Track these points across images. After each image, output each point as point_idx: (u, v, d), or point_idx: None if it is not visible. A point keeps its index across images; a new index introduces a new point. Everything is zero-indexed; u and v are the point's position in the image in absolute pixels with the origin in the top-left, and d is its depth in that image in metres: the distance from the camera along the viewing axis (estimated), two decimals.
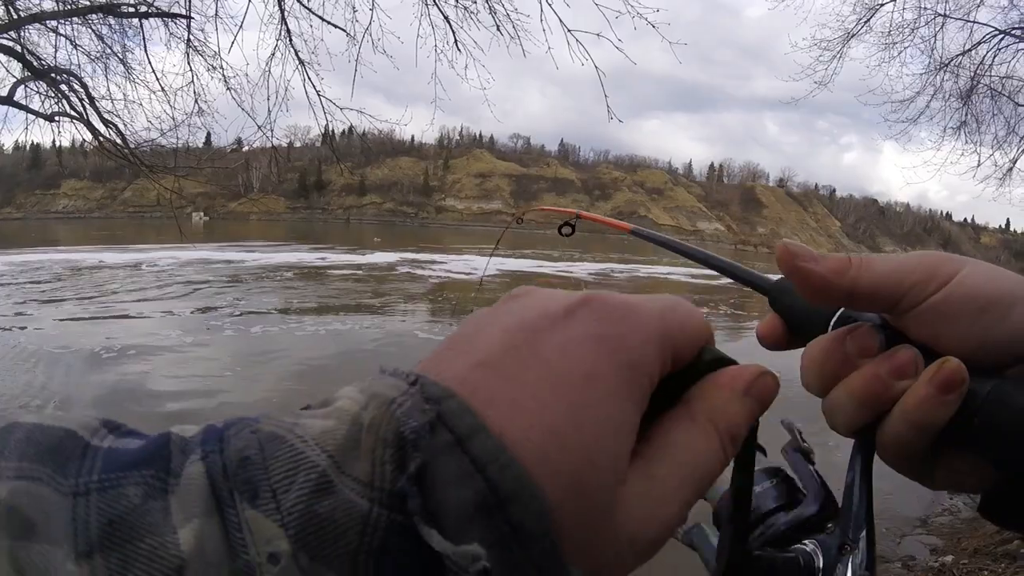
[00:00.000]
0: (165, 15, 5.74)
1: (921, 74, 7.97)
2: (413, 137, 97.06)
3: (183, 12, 5.55)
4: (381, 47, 5.36)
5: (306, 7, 5.30)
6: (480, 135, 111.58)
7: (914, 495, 4.20)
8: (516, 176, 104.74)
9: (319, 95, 5.40)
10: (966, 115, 8.25)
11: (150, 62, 6.03)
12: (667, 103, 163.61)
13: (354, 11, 5.32)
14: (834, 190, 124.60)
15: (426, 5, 5.20)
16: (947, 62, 7.99)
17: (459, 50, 5.30)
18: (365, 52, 5.36)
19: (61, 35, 5.70)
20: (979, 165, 8.43)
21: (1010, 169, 8.52)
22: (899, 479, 0.39)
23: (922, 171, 8.33)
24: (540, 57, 5.23)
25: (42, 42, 5.81)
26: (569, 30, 4.88)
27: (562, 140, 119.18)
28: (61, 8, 5.49)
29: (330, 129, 6.08)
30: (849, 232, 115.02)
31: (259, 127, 5.60)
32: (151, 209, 67.74)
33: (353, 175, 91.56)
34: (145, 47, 6.11)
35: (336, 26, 5.31)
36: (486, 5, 5.07)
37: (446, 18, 5.23)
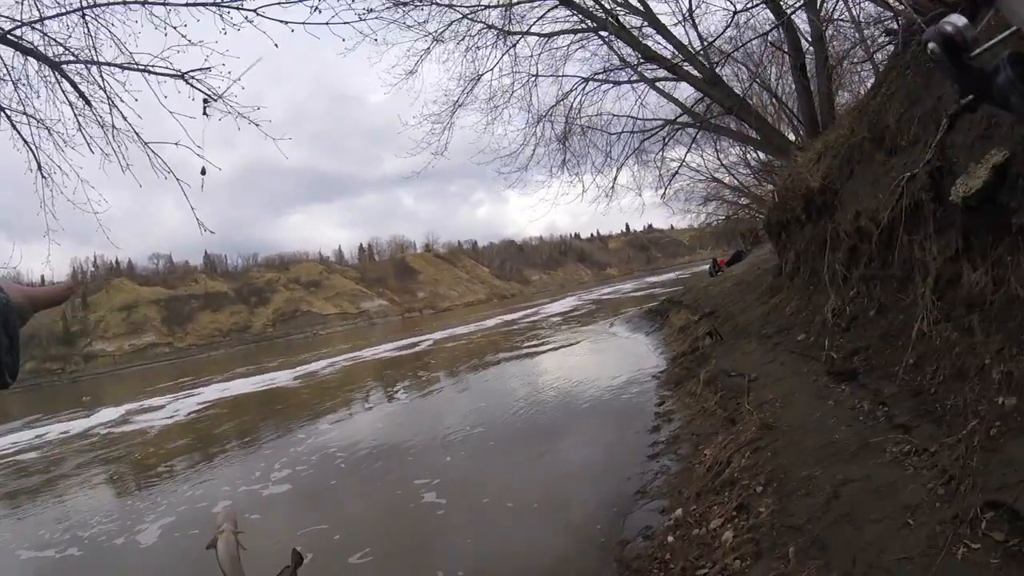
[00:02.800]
0: None
1: (524, 128, 11.36)
2: (43, 277, 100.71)
3: None
4: None
5: None
6: (117, 262, 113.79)
7: (621, 477, 5.73)
8: (164, 300, 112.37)
9: None
10: (566, 154, 11.41)
11: None
12: (305, 196, 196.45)
13: None
14: (476, 242, 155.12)
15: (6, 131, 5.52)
16: (544, 114, 11.02)
17: (44, 177, 5.51)
18: None
19: None
20: (584, 191, 11.75)
21: (612, 187, 11.79)
22: (594, 471, 6.04)
23: (541, 207, 19.65)
24: (158, 167, 5.32)
25: None
26: (146, 143, 5.26)
27: (206, 252, 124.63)
28: None
29: None
30: (498, 274, 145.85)
31: None
32: None
33: None
34: None
35: None
36: (77, 123, 5.43)
37: (25, 142, 5.49)
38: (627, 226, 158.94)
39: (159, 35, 4.99)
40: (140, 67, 5.12)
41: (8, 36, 5.05)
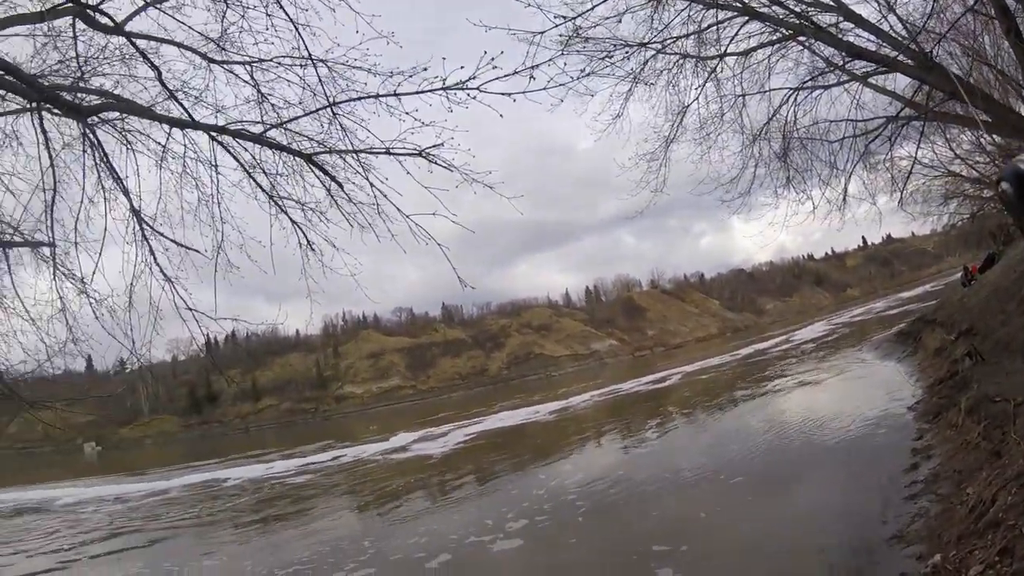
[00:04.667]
0: (29, 244, 7.29)
1: (739, 151, 11.14)
2: (298, 331, 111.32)
3: (47, 240, 6.91)
4: (245, 252, 6.69)
5: (160, 233, 6.72)
6: (364, 316, 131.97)
7: (876, 520, 5.90)
8: (408, 348, 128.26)
9: (191, 310, 6.46)
10: (789, 171, 11.42)
11: (16, 291, 7.36)
12: (529, 245, 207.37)
13: (212, 224, 6.85)
14: (703, 274, 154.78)
15: (275, 214, 6.71)
16: (758, 133, 11.21)
17: (312, 249, 6.71)
18: (234, 257, 6.75)
19: None
20: (815, 208, 11.61)
21: (844, 199, 11.68)
22: (846, 514, 6.25)
23: (770, 231, 11.72)
24: (403, 238, 6.35)
25: None
26: (408, 216, 6.21)
27: (443, 303, 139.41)
28: None
29: (210, 340, 7.07)
30: (729, 305, 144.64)
31: (131, 352, 6.70)
32: (39, 444, 77.13)
33: (243, 381, 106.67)
34: (11, 275, 7.34)
35: (191, 248, 6.63)
36: (332, 202, 6.58)
37: (294, 223, 6.72)
38: (863, 240, 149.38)
39: (396, 120, 6.14)
40: (383, 150, 6.27)
41: (263, 137, 6.58)
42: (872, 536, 5.71)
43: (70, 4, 5.83)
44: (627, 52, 10.48)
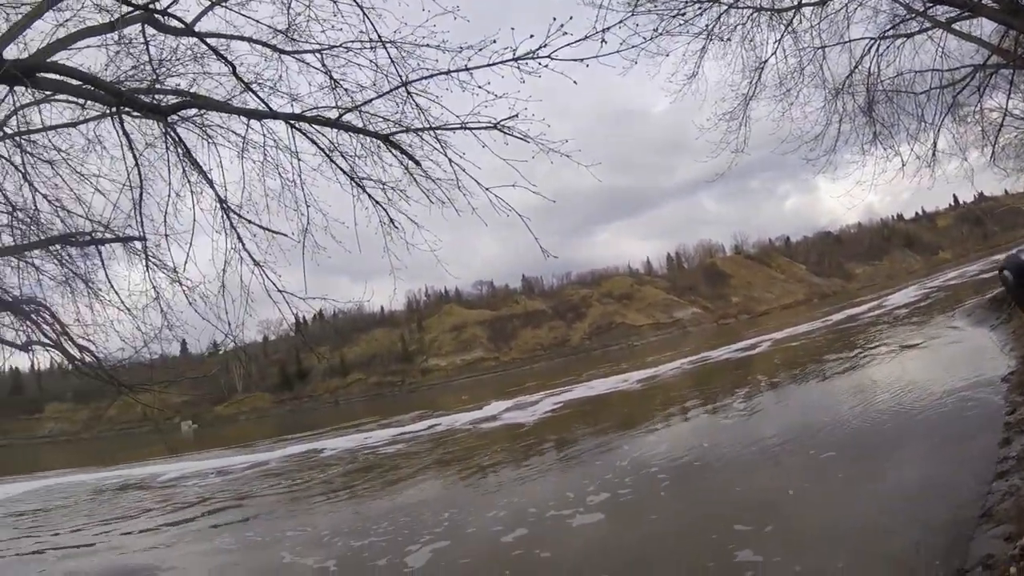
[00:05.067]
0: (120, 240, 7.70)
1: (823, 107, 10.87)
2: (383, 308, 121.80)
3: (137, 235, 7.35)
4: (330, 234, 7.06)
5: (247, 219, 7.11)
6: (446, 290, 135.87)
7: (962, 498, 5.81)
8: (489, 321, 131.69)
9: (280, 292, 6.84)
10: (875, 126, 11.17)
11: (111, 284, 7.96)
12: (608, 214, 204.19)
13: (296, 209, 7.22)
14: (788, 237, 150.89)
15: (356, 194, 7.04)
16: (840, 86, 10.96)
17: (395, 226, 7.00)
18: (320, 239, 7.08)
19: (28, 263, 7.87)
20: (904, 165, 11.35)
21: (933, 154, 11.41)
22: (931, 490, 6.15)
23: (857, 191, 11.45)
24: (483, 210, 6.57)
25: (8, 271, 7.88)
26: (487, 189, 6.38)
27: (523, 275, 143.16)
28: (21, 242, 7.61)
29: (300, 319, 7.57)
30: (816, 270, 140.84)
31: (226, 334, 7.10)
32: (138, 424, 78.69)
33: (332, 357, 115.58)
34: (105, 270, 7.93)
35: (278, 232, 7.01)
36: (411, 179, 6.82)
37: (375, 202, 7.01)
38: (954, 198, 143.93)
39: (469, 95, 6.26)
40: (458, 126, 6.41)
41: (340, 121, 6.78)
42: (959, 514, 5.60)
43: (138, 11, 6.11)
44: (699, 8, 10.26)
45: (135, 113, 6.73)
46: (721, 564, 6.61)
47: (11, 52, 5.87)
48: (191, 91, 7.15)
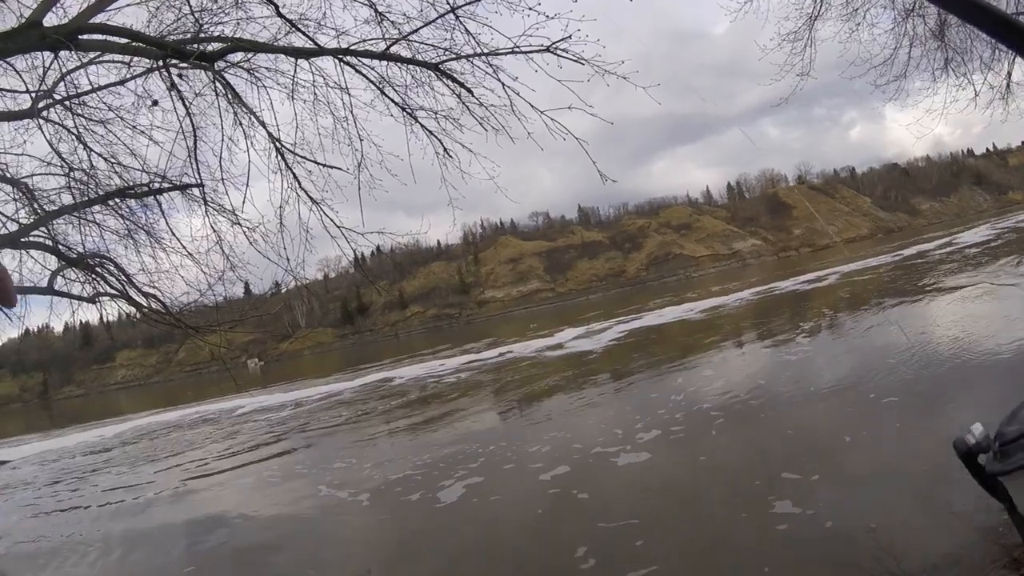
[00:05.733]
0: (177, 188, 7.76)
1: (892, 28, 10.17)
2: (439, 241, 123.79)
3: (194, 182, 7.51)
4: (384, 168, 7.08)
5: (302, 156, 7.28)
6: (501, 222, 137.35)
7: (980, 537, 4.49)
8: (545, 252, 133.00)
9: (339, 228, 7.04)
10: (948, 52, 10.38)
11: (172, 232, 8.19)
12: (667, 141, 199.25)
13: (350, 144, 7.26)
14: (853, 169, 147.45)
15: (409, 126, 7.03)
16: (911, 7, 10.11)
17: (449, 156, 7.02)
18: (375, 173, 7.16)
19: (88, 221, 7.93)
20: (977, 95, 10.75)
21: (1007, 85, 10.75)
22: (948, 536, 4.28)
23: (927, 120, 10.76)
24: (539, 136, 6.54)
25: (70, 230, 8.04)
26: (542, 112, 6.30)
27: (579, 206, 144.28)
28: (80, 200, 7.71)
29: (359, 255, 7.71)
30: (881, 204, 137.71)
31: (287, 271, 7.33)
32: (206, 365, 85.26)
33: (391, 292, 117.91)
34: (165, 218, 8.11)
35: (333, 167, 7.15)
36: (464, 108, 6.78)
37: (429, 132, 7.01)
38: None
39: (519, 17, 6.05)
40: (509, 50, 6.28)
41: (388, 53, 6.60)
42: None
43: None
44: None
45: (182, 64, 6.70)
46: (753, 515, 6.17)
47: (50, 20, 5.82)
48: (236, 37, 7.05)
